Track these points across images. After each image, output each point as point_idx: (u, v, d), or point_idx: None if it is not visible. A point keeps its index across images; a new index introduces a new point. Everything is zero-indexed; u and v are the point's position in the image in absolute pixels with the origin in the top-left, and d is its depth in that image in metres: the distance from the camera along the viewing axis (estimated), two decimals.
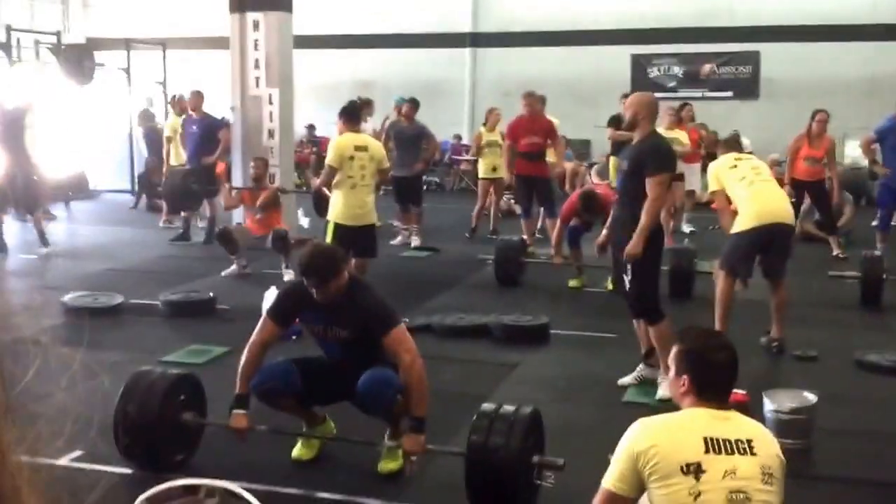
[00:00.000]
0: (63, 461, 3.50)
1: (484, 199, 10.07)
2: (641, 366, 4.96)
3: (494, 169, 9.78)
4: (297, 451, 3.94)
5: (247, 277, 7.71)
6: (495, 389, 4.88)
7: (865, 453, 4.15)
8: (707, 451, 2.21)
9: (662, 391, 4.57)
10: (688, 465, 2.19)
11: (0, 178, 8.67)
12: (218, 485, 0.64)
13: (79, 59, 12.41)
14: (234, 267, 7.83)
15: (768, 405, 4.18)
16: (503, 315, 6.03)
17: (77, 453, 3.59)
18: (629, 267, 4.63)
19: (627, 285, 4.71)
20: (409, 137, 9.41)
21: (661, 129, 7.52)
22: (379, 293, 3.77)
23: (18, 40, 12.99)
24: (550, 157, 9.02)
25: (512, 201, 10.62)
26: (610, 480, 2.30)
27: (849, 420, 4.49)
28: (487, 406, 3.61)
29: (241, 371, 3.72)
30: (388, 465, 3.78)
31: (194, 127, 9.30)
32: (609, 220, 5.22)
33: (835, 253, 8.78)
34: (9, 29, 12.89)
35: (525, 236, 8.66)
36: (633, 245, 4.55)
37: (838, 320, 6.52)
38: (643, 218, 4.55)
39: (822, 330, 6.13)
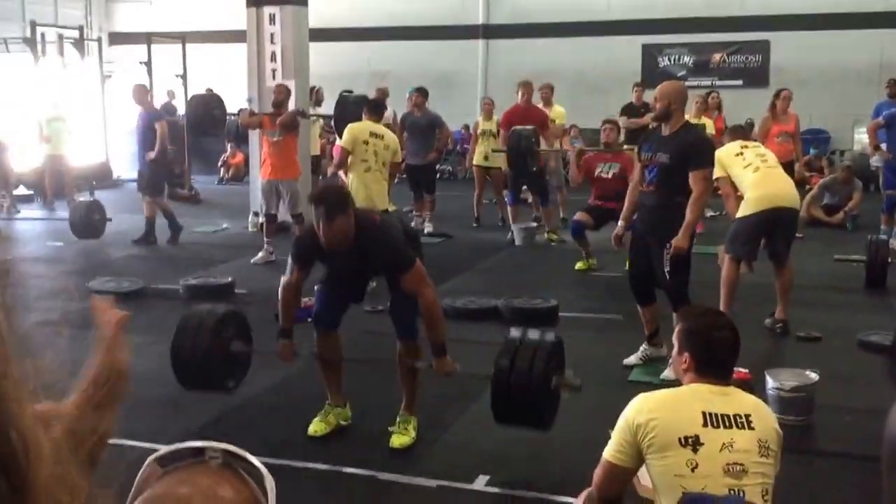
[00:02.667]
0: None
1: (481, 187, 10.05)
2: (645, 345, 5.10)
3: (486, 157, 9.71)
4: (312, 427, 4.09)
5: (265, 264, 7.88)
6: None
7: (864, 430, 4.24)
8: (705, 425, 2.26)
9: (668, 371, 4.70)
10: (686, 438, 2.24)
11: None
12: (221, 447, 0.77)
13: None
14: (262, 253, 7.92)
15: (770, 383, 4.29)
16: (513, 298, 6.16)
17: None
18: (667, 259, 4.63)
19: (667, 275, 4.68)
20: (421, 127, 9.54)
21: (687, 117, 7.67)
22: (388, 233, 3.85)
23: (43, 35, 13.25)
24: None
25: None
26: (610, 452, 2.37)
27: (849, 398, 4.59)
28: (514, 332, 3.80)
29: (281, 310, 3.98)
30: (400, 440, 3.90)
31: (140, 122, 9.06)
32: (627, 208, 5.09)
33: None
34: (33, 25, 13.15)
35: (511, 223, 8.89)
36: (681, 240, 4.56)
37: (843, 303, 6.62)
38: (689, 214, 4.55)
39: (827, 312, 6.23)
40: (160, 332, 5.70)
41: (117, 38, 17.24)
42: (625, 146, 8.02)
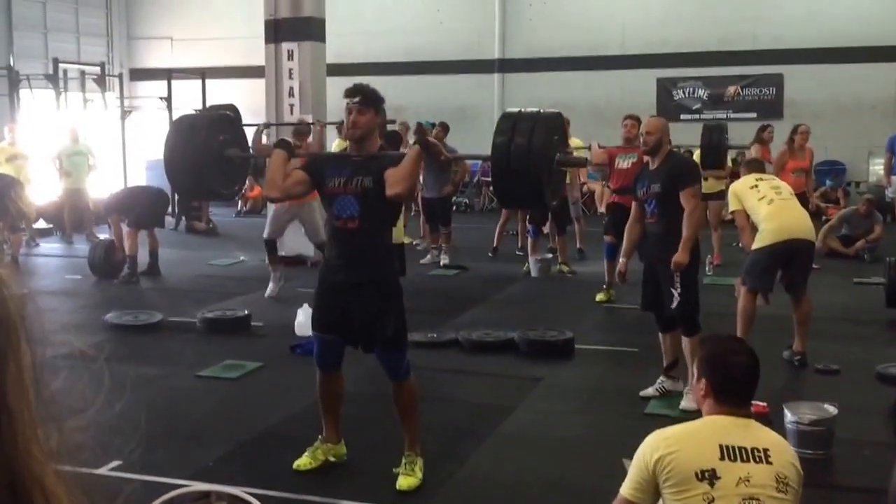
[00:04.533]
0: (102, 470, 3.71)
1: (507, 216, 10.14)
2: (662, 378, 5.08)
3: None
4: (298, 461, 4.01)
5: (281, 297, 7.90)
6: (520, 402, 5.01)
7: (884, 464, 4.20)
8: (722, 458, 2.24)
9: (686, 402, 4.68)
10: (702, 472, 2.22)
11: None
12: (226, 492, 0.76)
13: None
14: (271, 285, 7.89)
15: (789, 416, 4.25)
16: (529, 330, 6.16)
17: (115, 463, 3.79)
18: (677, 279, 4.78)
19: (675, 299, 4.81)
20: (438, 160, 9.60)
21: (752, 153, 7.89)
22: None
23: (65, 72, 13.52)
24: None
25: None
26: (627, 489, 2.36)
27: (869, 431, 4.54)
28: (510, 111, 3.76)
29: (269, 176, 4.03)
30: (407, 481, 3.83)
31: None
32: (626, 244, 5.28)
33: None
34: (56, 62, 13.43)
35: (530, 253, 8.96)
36: (681, 254, 4.73)
37: (861, 335, 6.56)
38: (686, 230, 4.76)
39: (845, 344, 6.18)
40: (176, 364, 5.77)
41: (138, 74, 17.54)
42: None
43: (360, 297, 3.76)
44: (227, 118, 4.18)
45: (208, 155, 3.95)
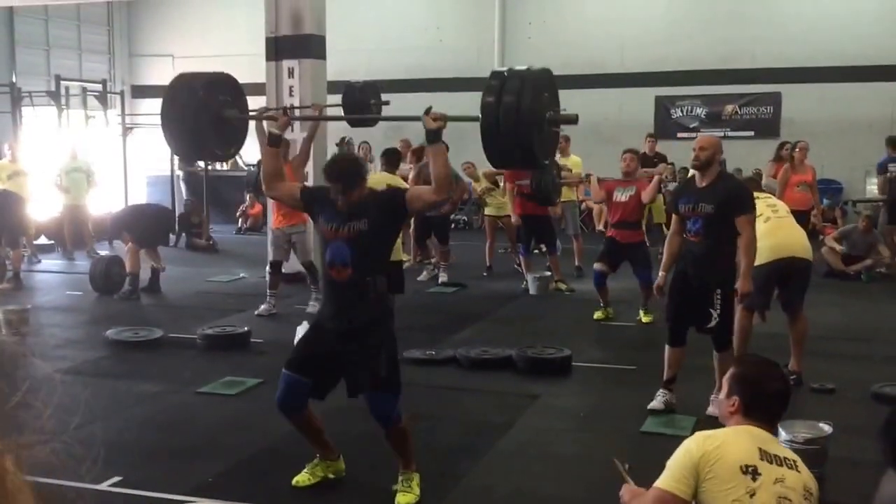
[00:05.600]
0: (103, 486, 3.75)
1: (492, 237, 10.18)
2: (663, 390, 5.13)
3: (499, 207, 9.84)
4: (297, 478, 4.01)
5: (281, 313, 7.94)
6: (518, 419, 5.04)
7: (877, 483, 4.23)
8: (762, 459, 2.37)
9: (712, 408, 4.75)
10: (747, 466, 2.34)
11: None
12: None
13: None
14: (264, 306, 7.93)
15: (783, 435, 4.27)
16: (527, 348, 6.19)
17: (115, 479, 3.82)
18: (717, 300, 4.83)
19: (714, 319, 4.86)
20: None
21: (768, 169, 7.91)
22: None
23: (67, 89, 13.61)
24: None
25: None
26: (667, 482, 2.39)
27: (863, 451, 4.54)
28: (498, 69, 3.72)
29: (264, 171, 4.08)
30: (405, 499, 3.85)
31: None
32: (667, 258, 5.22)
33: None
34: (58, 79, 13.53)
35: (525, 274, 8.96)
36: (744, 284, 4.82)
37: (856, 354, 6.59)
38: (745, 258, 4.83)
39: (840, 363, 6.21)
40: (176, 381, 5.79)
41: (140, 92, 17.66)
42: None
43: (352, 342, 3.73)
44: (227, 78, 4.15)
45: (206, 114, 3.91)
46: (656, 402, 5.10)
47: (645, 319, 7.42)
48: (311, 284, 8.07)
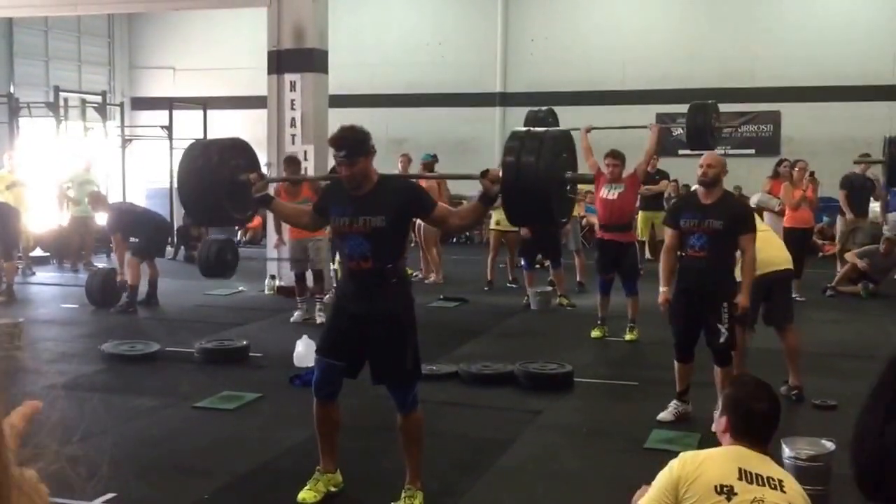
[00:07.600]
0: (97, 502, 3.68)
1: (495, 251, 10.13)
2: (676, 401, 5.15)
3: (498, 222, 9.80)
4: (302, 495, 3.95)
5: (280, 327, 7.91)
6: (519, 435, 4.99)
7: None
8: (740, 479, 2.37)
9: (715, 425, 4.71)
10: (721, 486, 2.36)
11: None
12: None
13: None
14: (298, 313, 8.16)
15: (787, 452, 4.24)
16: (528, 363, 6.16)
17: (110, 495, 3.75)
18: (725, 315, 4.90)
19: (723, 335, 4.92)
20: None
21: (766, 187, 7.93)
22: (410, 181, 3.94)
23: (66, 100, 13.60)
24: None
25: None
26: (650, 502, 2.45)
27: None
28: (518, 129, 3.84)
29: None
30: None
31: None
32: (665, 273, 5.23)
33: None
34: (56, 90, 13.52)
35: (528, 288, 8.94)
36: (744, 299, 4.90)
37: (857, 370, 6.53)
38: (746, 275, 4.93)
39: (843, 379, 6.16)
40: (174, 395, 5.73)
41: (139, 104, 17.68)
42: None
43: (377, 329, 3.76)
44: (239, 143, 4.20)
45: (221, 179, 3.98)
46: (666, 414, 5.13)
47: (628, 338, 7.32)
48: (315, 295, 8.08)
